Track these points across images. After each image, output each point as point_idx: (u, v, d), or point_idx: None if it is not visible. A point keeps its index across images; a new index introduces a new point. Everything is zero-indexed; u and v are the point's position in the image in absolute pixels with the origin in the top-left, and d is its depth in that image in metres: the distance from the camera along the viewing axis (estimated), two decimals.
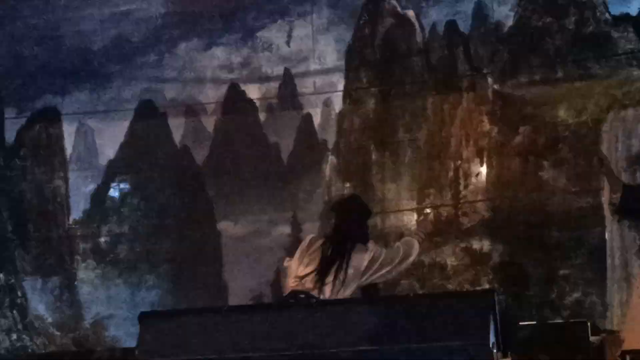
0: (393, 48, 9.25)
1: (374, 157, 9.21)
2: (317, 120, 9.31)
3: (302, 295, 6.35)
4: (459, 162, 9.06)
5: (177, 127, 9.48)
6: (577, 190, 8.84)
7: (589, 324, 8.41)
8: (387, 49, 9.26)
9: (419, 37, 9.21)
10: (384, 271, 6.94)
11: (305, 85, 9.36)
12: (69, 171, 9.62)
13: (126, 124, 9.54)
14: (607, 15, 8.98)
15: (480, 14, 9.13)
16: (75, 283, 9.50)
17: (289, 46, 9.42)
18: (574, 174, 8.89)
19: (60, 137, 9.65)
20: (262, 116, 9.41)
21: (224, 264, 9.29)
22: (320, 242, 6.98)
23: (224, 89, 9.49)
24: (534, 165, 8.96)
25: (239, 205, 9.30)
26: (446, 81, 9.14)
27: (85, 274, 9.50)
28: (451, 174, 9.04)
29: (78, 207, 9.57)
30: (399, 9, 9.27)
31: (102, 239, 9.53)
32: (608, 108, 8.89)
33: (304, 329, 5.69)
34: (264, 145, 9.36)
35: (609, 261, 8.75)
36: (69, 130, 9.63)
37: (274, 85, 9.42)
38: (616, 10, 8.99)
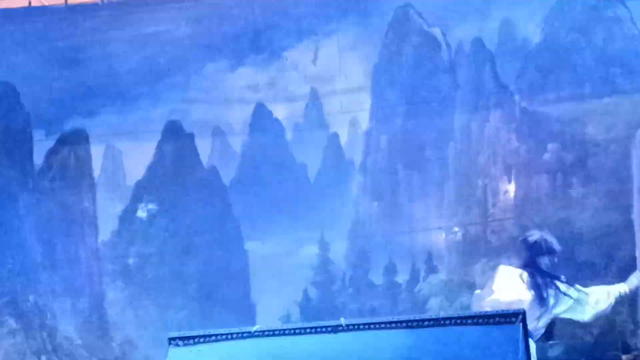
0: (419, 66, 9.24)
1: (401, 175, 9.19)
2: (344, 139, 9.30)
3: None
4: (487, 180, 9.03)
5: (204, 147, 9.50)
6: (607, 208, 8.79)
7: (619, 342, 8.35)
8: (413, 67, 9.25)
9: (445, 55, 9.20)
10: None
11: (331, 104, 9.36)
12: (97, 192, 9.65)
13: (153, 145, 9.57)
14: (635, 30, 8.95)
15: (506, 31, 9.11)
16: (104, 304, 9.52)
17: (315, 65, 9.43)
18: (603, 191, 8.84)
19: (88, 159, 9.69)
20: (288, 136, 9.41)
21: (252, 284, 9.29)
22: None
23: (250, 109, 9.51)
24: (563, 183, 8.92)
25: (267, 225, 9.30)
26: (473, 99, 9.12)
27: (114, 295, 9.52)
28: (479, 192, 9.01)
29: (106, 228, 9.59)
30: (425, 27, 9.26)
31: (130, 260, 9.54)
32: (637, 124, 8.85)
33: (332, 351, 5.68)
34: (291, 165, 9.36)
35: None
36: (96, 152, 9.67)
37: (301, 105, 9.43)
38: None
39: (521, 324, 5.00)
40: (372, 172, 9.24)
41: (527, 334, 5.10)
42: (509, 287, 7.03)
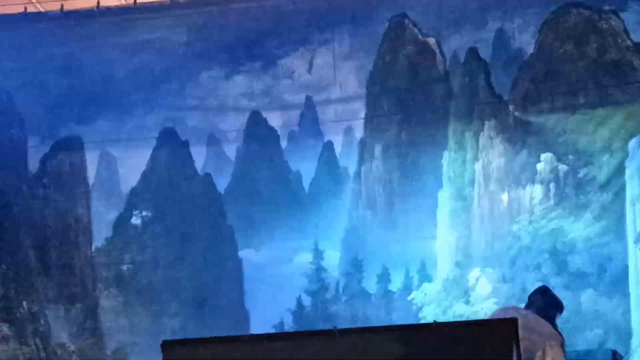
0: (414, 75, 9.27)
1: (395, 184, 9.21)
2: (338, 147, 9.32)
3: None
4: (481, 189, 9.04)
5: (199, 154, 9.51)
6: (599, 218, 8.81)
7: (611, 351, 8.36)
8: (408, 76, 9.28)
9: (440, 65, 9.22)
10: None
11: (326, 113, 9.38)
12: (91, 199, 9.65)
13: (148, 152, 9.58)
14: (628, 42, 8.98)
15: (501, 41, 9.14)
16: (98, 311, 9.52)
17: (310, 74, 9.46)
18: (596, 201, 8.86)
19: (83, 166, 9.69)
20: (283, 144, 9.43)
21: (246, 291, 9.29)
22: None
23: (245, 117, 9.52)
24: (556, 193, 8.94)
25: (261, 233, 9.31)
26: (467, 108, 9.14)
27: (108, 301, 9.52)
28: (473, 201, 9.03)
29: (100, 235, 9.59)
30: (420, 36, 9.29)
31: (124, 267, 9.54)
32: (630, 135, 8.87)
33: (325, 358, 5.68)
34: (285, 173, 9.37)
35: (631, 288, 8.71)
36: (91, 159, 9.68)
37: (296, 113, 9.45)
38: (638, 37, 8.99)
39: (513, 331, 5.01)
40: (367, 180, 9.25)
41: (518, 341, 5.11)
42: None
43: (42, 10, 10.21)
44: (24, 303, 9.61)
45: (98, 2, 9.84)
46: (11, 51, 9.87)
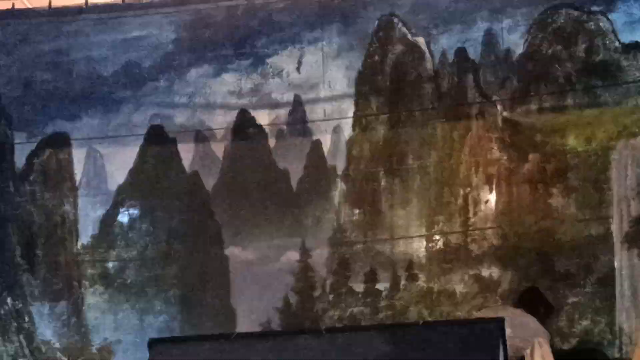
0: (403, 75, 9.27)
1: (383, 183, 9.21)
2: (326, 146, 9.32)
3: None
4: (468, 189, 9.06)
5: (187, 152, 9.50)
6: (586, 218, 8.83)
7: (598, 352, 8.39)
8: (397, 76, 9.28)
9: (428, 64, 9.23)
10: None
11: (315, 112, 9.38)
12: (78, 196, 9.63)
13: (136, 150, 9.56)
14: (616, 43, 9.00)
15: (490, 41, 9.15)
16: (83, 308, 9.50)
17: (299, 73, 9.45)
18: (583, 202, 8.88)
19: (69, 162, 9.67)
20: (271, 142, 9.42)
21: (232, 289, 9.28)
22: None
23: (233, 115, 9.51)
24: (543, 193, 8.96)
25: (248, 231, 9.30)
26: (456, 108, 9.15)
27: (93, 299, 9.50)
28: (460, 201, 9.04)
29: (86, 232, 9.57)
30: (409, 36, 9.29)
31: (110, 264, 9.53)
32: (617, 136, 8.90)
33: (312, 357, 5.69)
34: (273, 171, 9.36)
35: (618, 289, 8.73)
36: (78, 156, 9.65)
37: (284, 112, 9.44)
38: (626, 38, 9.01)
39: (500, 330, 5.03)
40: (354, 179, 9.25)
41: (505, 340, 5.13)
42: None
43: (29, 6, 10.18)
44: (9, 300, 9.58)
45: None
46: None
